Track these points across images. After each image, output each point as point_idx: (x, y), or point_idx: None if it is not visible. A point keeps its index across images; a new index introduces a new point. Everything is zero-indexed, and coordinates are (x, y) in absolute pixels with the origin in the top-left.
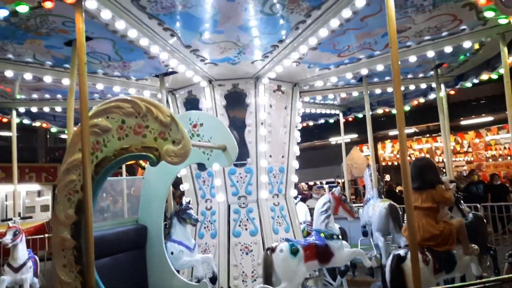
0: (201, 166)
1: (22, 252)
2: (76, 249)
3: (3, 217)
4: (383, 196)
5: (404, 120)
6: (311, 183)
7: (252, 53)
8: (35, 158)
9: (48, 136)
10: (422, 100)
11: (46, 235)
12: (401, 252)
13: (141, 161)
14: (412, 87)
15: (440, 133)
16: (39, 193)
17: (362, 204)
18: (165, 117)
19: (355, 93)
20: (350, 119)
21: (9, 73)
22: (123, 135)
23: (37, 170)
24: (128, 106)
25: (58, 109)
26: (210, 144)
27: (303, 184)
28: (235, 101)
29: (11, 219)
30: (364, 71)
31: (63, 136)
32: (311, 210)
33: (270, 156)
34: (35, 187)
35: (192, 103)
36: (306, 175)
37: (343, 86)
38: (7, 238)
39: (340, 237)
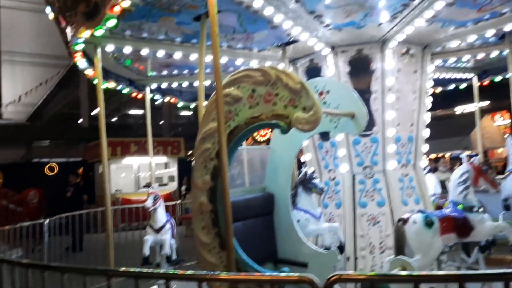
0: (324, 136)
1: (161, 215)
2: (213, 212)
3: (136, 186)
4: None
5: None
6: (432, 156)
7: (379, 15)
8: (160, 133)
9: (170, 113)
10: None
11: (178, 201)
12: None
13: None
14: None
15: None
16: (166, 165)
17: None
18: (295, 84)
19: (494, 53)
20: (486, 83)
21: (145, 51)
22: (254, 104)
23: (163, 144)
24: (258, 75)
25: (185, 84)
26: (339, 111)
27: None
28: (360, 68)
29: (150, 186)
30: (508, 27)
31: (182, 113)
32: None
33: (398, 124)
34: (162, 159)
35: (314, 72)
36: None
37: (480, 46)
38: (148, 203)
39: (480, 209)
